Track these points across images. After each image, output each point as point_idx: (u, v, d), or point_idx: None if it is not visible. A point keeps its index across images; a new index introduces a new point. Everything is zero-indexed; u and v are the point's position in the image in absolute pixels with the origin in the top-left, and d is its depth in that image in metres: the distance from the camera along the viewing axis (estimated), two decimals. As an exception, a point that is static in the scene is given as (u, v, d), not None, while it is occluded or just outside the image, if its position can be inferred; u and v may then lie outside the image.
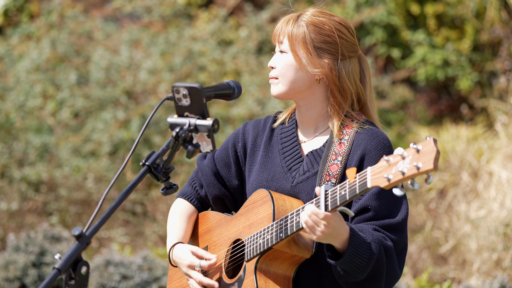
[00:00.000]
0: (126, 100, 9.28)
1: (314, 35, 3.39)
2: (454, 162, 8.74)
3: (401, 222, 3.29)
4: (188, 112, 2.88)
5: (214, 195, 3.57)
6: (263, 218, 3.31)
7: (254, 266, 3.28)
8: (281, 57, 3.39)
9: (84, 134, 9.13)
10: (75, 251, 2.61)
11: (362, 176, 2.97)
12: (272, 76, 3.41)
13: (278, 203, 3.30)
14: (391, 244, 3.26)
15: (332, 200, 3.04)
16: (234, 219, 3.46)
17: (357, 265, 3.15)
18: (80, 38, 10.01)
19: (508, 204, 7.35)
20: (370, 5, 11.30)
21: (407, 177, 2.82)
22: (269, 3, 10.62)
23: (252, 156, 3.51)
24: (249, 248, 3.31)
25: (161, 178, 2.85)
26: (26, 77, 9.50)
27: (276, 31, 3.42)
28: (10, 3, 11.81)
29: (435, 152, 2.76)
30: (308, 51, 3.37)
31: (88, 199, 8.49)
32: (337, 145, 3.35)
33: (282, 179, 3.40)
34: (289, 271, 3.32)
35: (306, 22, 3.40)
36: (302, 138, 3.46)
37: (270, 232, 3.24)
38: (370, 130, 3.37)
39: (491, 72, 11.25)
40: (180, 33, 9.92)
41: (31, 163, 8.73)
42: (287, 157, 3.43)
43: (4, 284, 6.69)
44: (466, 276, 7.30)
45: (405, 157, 2.84)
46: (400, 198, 3.31)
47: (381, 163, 2.92)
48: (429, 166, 2.76)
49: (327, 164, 3.33)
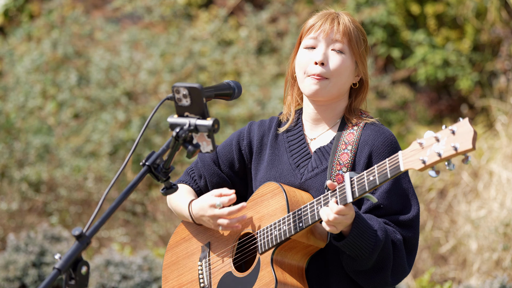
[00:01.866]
0: (127, 100, 9.28)
1: (362, 40, 3.40)
2: (454, 162, 8.75)
3: (412, 218, 3.30)
4: (188, 112, 2.88)
5: (216, 184, 3.56)
6: (276, 210, 3.30)
7: (270, 258, 3.27)
8: (337, 57, 3.33)
9: (85, 134, 9.13)
10: (75, 251, 2.61)
11: (394, 160, 2.96)
12: (322, 75, 3.33)
13: (290, 194, 3.30)
14: (401, 237, 3.27)
15: (360, 186, 3.03)
16: (239, 213, 3.43)
17: (362, 249, 3.16)
18: (80, 39, 10.01)
19: (508, 204, 7.35)
20: (370, 5, 11.30)
21: (444, 159, 2.82)
22: (269, 3, 10.62)
23: (259, 154, 3.51)
24: (263, 240, 3.30)
25: (161, 178, 2.85)
26: (26, 77, 9.50)
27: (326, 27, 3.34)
28: (10, 3, 11.81)
29: (472, 132, 2.76)
30: (361, 57, 3.37)
31: (88, 199, 8.49)
32: (346, 135, 3.36)
33: (290, 175, 3.40)
34: (302, 262, 3.33)
35: (355, 26, 3.38)
36: (309, 136, 3.46)
37: (287, 223, 3.23)
38: (377, 127, 3.38)
39: (491, 72, 11.25)
40: (180, 34, 9.92)
41: (31, 163, 8.73)
42: (294, 154, 3.43)
43: (4, 284, 6.69)
44: (466, 276, 7.30)
45: (439, 139, 2.83)
46: (411, 195, 3.33)
47: (413, 146, 2.91)
48: (468, 146, 2.75)
49: (337, 154, 3.33)
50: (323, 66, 3.32)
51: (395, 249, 3.25)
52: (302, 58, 3.38)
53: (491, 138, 9.30)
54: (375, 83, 10.55)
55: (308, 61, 3.35)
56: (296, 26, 10.16)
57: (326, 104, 3.40)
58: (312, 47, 3.36)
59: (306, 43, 3.37)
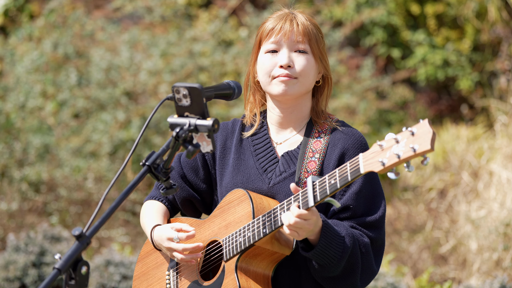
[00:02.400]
0: (127, 101, 9.28)
1: (321, 37, 3.41)
2: (454, 162, 8.74)
3: (378, 219, 3.30)
4: (188, 112, 2.88)
5: (182, 197, 3.54)
6: (242, 216, 3.29)
7: (234, 265, 3.26)
8: (301, 58, 3.34)
9: (85, 134, 9.13)
10: (75, 251, 2.61)
11: (354, 162, 2.95)
12: (291, 75, 3.33)
13: (256, 201, 3.28)
14: (368, 240, 3.27)
15: (321, 190, 3.02)
16: (207, 222, 3.42)
17: (330, 257, 3.16)
18: (81, 39, 10.01)
19: (508, 204, 7.35)
20: (370, 5, 11.30)
21: (403, 160, 2.81)
22: (271, 3, 10.62)
23: (223, 159, 3.48)
24: (228, 247, 3.28)
25: (161, 178, 2.85)
26: (26, 77, 9.50)
27: (286, 29, 3.36)
28: (11, 3, 11.81)
29: (431, 133, 2.75)
30: (322, 54, 3.39)
31: (88, 199, 8.49)
32: (313, 143, 3.36)
33: (258, 180, 3.38)
34: (268, 269, 3.31)
35: (312, 24, 3.41)
36: (276, 140, 3.43)
37: (251, 229, 3.22)
38: (346, 129, 3.38)
39: (491, 72, 11.25)
40: (180, 34, 9.92)
41: (31, 163, 8.73)
42: (261, 159, 3.41)
43: (4, 284, 6.69)
44: (466, 276, 7.30)
45: (399, 141, 2.83)
46: (378, 196, 3.33)
47: (373, 148, 2.91)
48: (426, 147, 2.75)
49: (304, 162, 3.33)
50: (289, 68, 3.33)
51: (362, 253, 3.25)
52: (265, 62, 3.36)
53: (491, 138, 9.31)
54: (375, 83, 10.55)
55: (272, 65, 3.35)
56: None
57: (292, 105, 3.39)
58: (274, 50, 3.36)
59: (268, 47, 3.36)
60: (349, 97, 9.93)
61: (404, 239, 8.14)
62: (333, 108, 9.66)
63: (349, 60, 11.08)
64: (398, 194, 9.11)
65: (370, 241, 3.27)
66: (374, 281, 6.34)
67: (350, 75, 10.53)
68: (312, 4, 11.39)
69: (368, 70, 10.48)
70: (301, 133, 3.41)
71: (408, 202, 8.82)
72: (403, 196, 8.98)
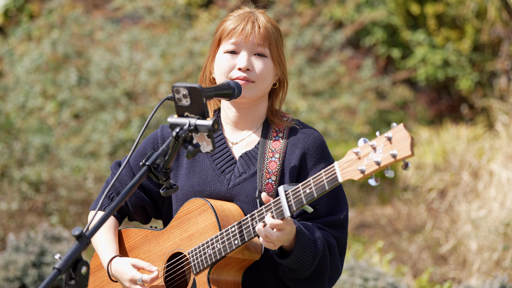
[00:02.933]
0: (126, 101, 9.28)
1: (281, 40, 3.37)
2: (454, 162, 8.74)
3: (342, 219, 3.29)
4: (188, 112, 2.87)
5: (135, 203, 3.46)
6: (206, 227, 3.22)
7: (206, 278, 3.20)
8: (260, 62, 3.30)
9: (84, 134, 9.13)
10: (75, 251, 2.61)
11: (329, 171, 2.93)
12: (248, 79, 3.29)
13: (219, 209, 3.21)
14: (334, 241, 3.26)
15: (296, 200, 3.00)
16: (165, 233, 3.33)
17: (303, 261, 3.15)
18: (81, 39, 10.01)
19: (508, 204, 7.35)
20: (370, 5, 11.30)
21: (383, 167, 2.79)
22: (273, 3, 10.62)
23: (176, 161, 3.40)
24: (197, 260, 3.21)
25: (161, 178, 2.85)
26: (26, 77, 9.50)
27: (247, 31, 3.30)
28: (10, 3, 11.81)
29: (409, 138, 2.73)
30: (281, 58, 3.35)
31: (88, 199, 8.49)
32: (271, 142, 3.32)
33: (215, 182, 3.31)
34: (238, 276, 3.27)
35: (273, 26, 3.35)
36: (231, 140, 3.38)
37: (221, 241, 3.16)
38: (305, 130, 3.35)
39: (491, 72, 11.25)
40: (180, 34, 9.92)
41: (31, 163, 8.73)
42: (217, 159, 3.35)
43: (4, 284, 6.69)
44: (466, 276, 7.30)
45: (376, 147, 2.81)
46: (341, 195, 3.31)
47: (348, 156, 2.88)
48: (406, 153, 2.74)
49: (265, 162, 3.29)
50: (248, 71, 3.29)
51: (330, 254, 3.24)
52: (224, 63, 3.32)
53: (492, 138, 9.31)
54: (375, 83, 10.55)
55: (231, 67, 3.30)
56: (298, 28, 10.17)
57: (248, 107, 3.35)
58: (233, 51, 3.31)
59: (227, 48, 3.32)
60: (349, 97, 9.93)
61: (404, 239, 8.14)
62: (333, 108, 9.66)
63: (349, 60, 11.09)
64: (398, 194, 9.11)
65: (335, 241, 3.27)
66: (374, 281, 6.34)
67: (350, 75, 10.53)
68: (313, 5, 11.39)
69: (368, 71, 10.48)
70: (257, 133, 3.36)
71: (408, 202, 8.82)
72: (403, 196, 8.98)
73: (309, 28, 10.35)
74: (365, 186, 9.61)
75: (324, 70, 9.90)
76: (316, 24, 10.51)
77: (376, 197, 9.28)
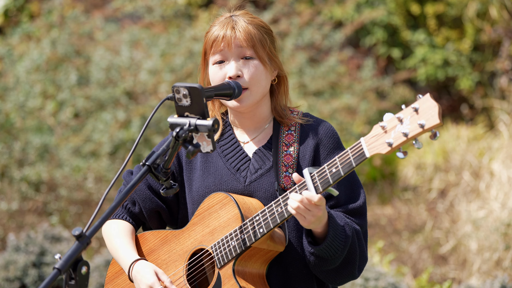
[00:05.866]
0: (127, 100, 9.28)
1: (267, 36, 3.34)
2: (455, 162, 8.74)
3: (362, 205, 3.28)
4: (189, 112, 2.87)
5: (150, 209, 3.44)
6: (228, 220, 3.21)
7: (231, 270, 3.18)
8: (249, 65, 3.28)
9: (85, 134, 9.13)
10: (75, 251, 2.61)
11: (356, 148, 2.89)
12: (243, 87, 3.27)
13: (240, 202, 3.21)
14: (359, 228, 3.25)
15: (322, 180, 2.98)
16: (186, 231, 3.32)
17: (336, 248, 3.13)
18: (80, 38, 10.01)
19: (509, 204, 7.34)
20: (370, 5, 11.30)
21: (411, 138, 2.73)
22: (272, 3, 10.61)
23: (190, 164, 3.40)
24: (221, 253, 3.20)
25: (161, 178, 2.85)
26: (26, 77, 9.50)
27: (228, 38, 3.26)
28: (10, 3, 11.81)
29: (437, 107, 2.67)
30: (269, 54, 3.32)
31: (88, 199, 8.48)
32: (284, 137, 3.32)
33: (232, 180, 3.32)
34: (262, 268, 3.26)
35: (255, 25, 3.31)
36: (242, 139, 3.39)
37: (245, 231, 3.16)
38: (315, 121, 3.35)
39: (492, 72, 11.25)
40: (180, 34, 9.92)
41: (31, 163, 8.72)
42: (230, 158, 3.35)
43: (4, 284, 6.69)
44: (467, 276, 7.29)
45: (402, 119, 2.76)
46: (357, 184, 3.30)
47: (375, 130, 2.84)
48: (435, 122, 2.68)
49: (280, 155, 3.30)
50: (239, 78, 3.27)
51: (358, 240, 3.23)
52: (214, 75, 3.30)
53: (492, 138, 9.31)
54: (376, 83, 10.55)
55: (222, 77, 3.29)
56: (297, 27, 10.17)
57: (251, 111, 3.34)
58: (221, 61, 3.30)
59: (214, 59, 3.30)
60: (350, 97, 9.92)
61: (404, 239, 8.14)
62: (333, 108, 9.66)
63: (350, 60, 11.08)
64: (398, 194, 9.11)
65: (360, 228, 3.26)
66: (375, 281, 6.34)
67: (351, 75, 10.53)
68: (312, 4, 11.38)
69: (369, 71, 10.48)
70: (268, 129, 3.37)
71: (408, 202, 8.82)
72: (403, 196, 8.98)
73: (308, 28, 10.35)
74: (365, 186, 9.61)
75: (324, 70, 9.90)
76: (315, 23, 10.51)
77: (376, 197, 9.27)
